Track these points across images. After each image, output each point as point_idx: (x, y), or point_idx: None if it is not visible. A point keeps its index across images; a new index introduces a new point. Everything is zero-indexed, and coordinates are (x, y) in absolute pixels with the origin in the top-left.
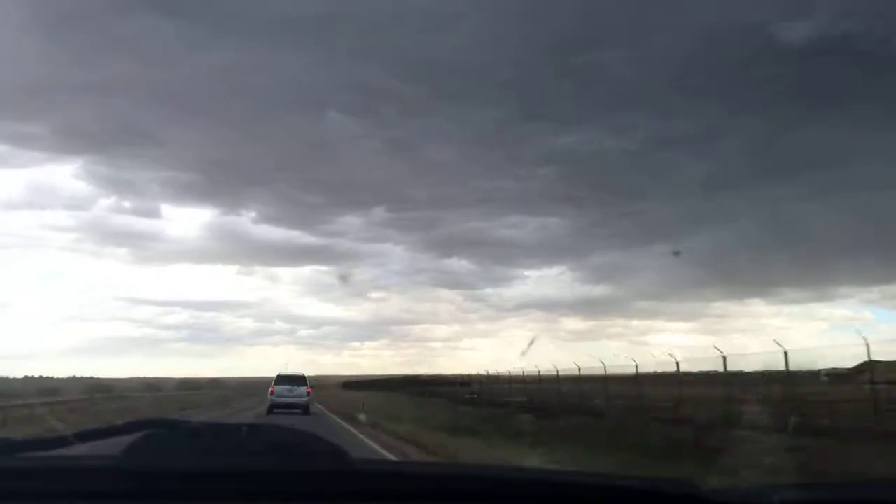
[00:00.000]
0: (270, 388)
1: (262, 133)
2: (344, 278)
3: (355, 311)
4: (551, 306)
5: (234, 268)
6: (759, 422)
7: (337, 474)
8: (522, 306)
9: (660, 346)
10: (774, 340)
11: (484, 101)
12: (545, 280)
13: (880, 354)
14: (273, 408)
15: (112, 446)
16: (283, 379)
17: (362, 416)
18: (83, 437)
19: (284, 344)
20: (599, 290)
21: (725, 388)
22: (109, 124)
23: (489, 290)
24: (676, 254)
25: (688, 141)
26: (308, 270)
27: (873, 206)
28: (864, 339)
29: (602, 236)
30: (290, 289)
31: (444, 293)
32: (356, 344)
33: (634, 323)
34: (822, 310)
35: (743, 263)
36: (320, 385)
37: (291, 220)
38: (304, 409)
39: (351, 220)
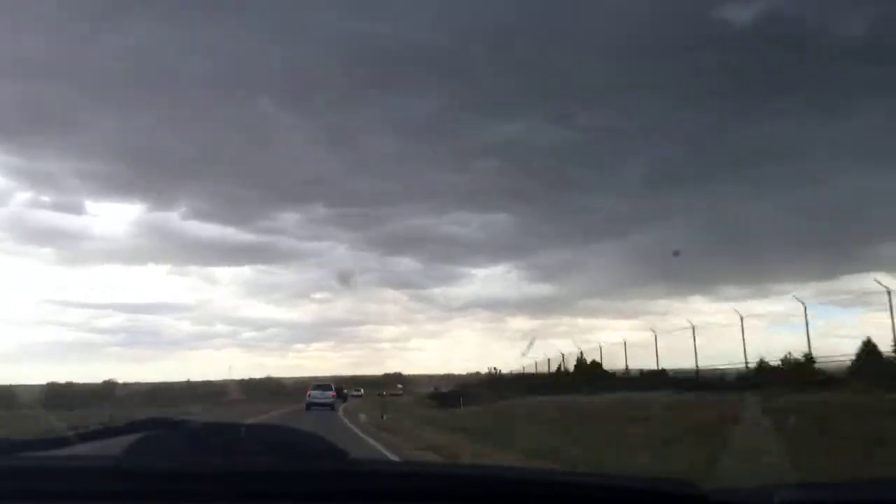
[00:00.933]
0: (308, 392)
1: (189, 120)
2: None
3: (299, 313)
4: (498, 305)
5: (167, 267)
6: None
7: (337, 474)
8: (469, 305)
9: (605, 344)
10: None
11: (423, 90)
12: (492, 279)
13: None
14: (310, 405)
15: (112, 446)
16: (316, 386)
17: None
18: (83, 437)
19: (227, 347)
20: (546, 289)
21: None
22: (20, 110)
23: (436, 290)
24: (676, 254)
25: (631, 134)
26: (248, 270)
27: (809, 202)
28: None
29: (548, 233)
30: (229, 290)
31: (390, 293)
32: (301, 346)
33: (580, 321)
34: (760, 306)
35: (685, 261)
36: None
37: (225, 216)
38: (332, 406)
39: (289, 217)
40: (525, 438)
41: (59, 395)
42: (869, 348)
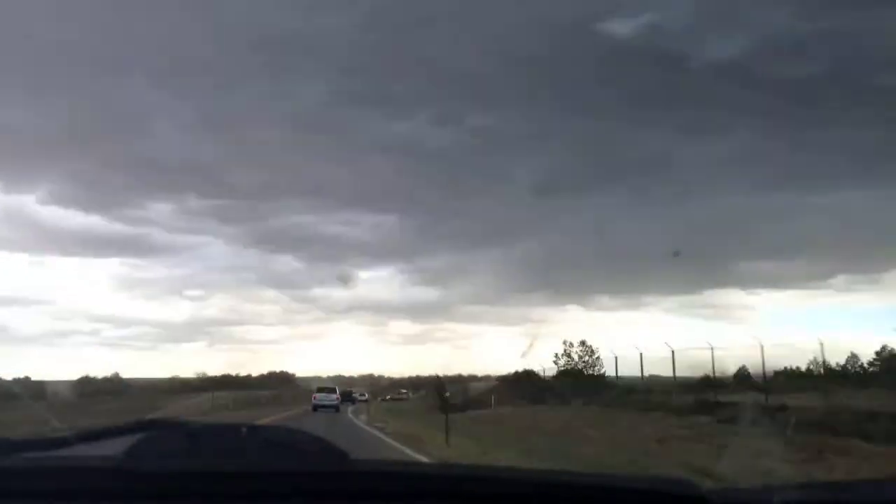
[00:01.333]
0: (314, 395)
1: (49, 94)
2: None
3: (170, 311)
4: (382, 309)
5: (23, 257)
6: None
7: (337, 474)
8: (353, 308)
9: (481, 350)
10: None
11: (311, 80)
12: (377, 281)
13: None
14: (316, 407)
15: (112, 446)
16: (321, 389)
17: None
18: (84, 437)
19: (89, 345)
20: (430, 293)
21: None
22: None
23: (318, 291)
24: (676, 254)
25: (520, 140)
26: (115, 263)
27: (679, 217)
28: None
29: (436, 237)
30: (93, 284)
31: (270, 293)
32: (170, 346)
33: (461, 327)
34: (631, 317)
35: (565, 270)
36: None
37: (90, 203)
38: (336, 408)
39: (162, 207)
40: None
41: None
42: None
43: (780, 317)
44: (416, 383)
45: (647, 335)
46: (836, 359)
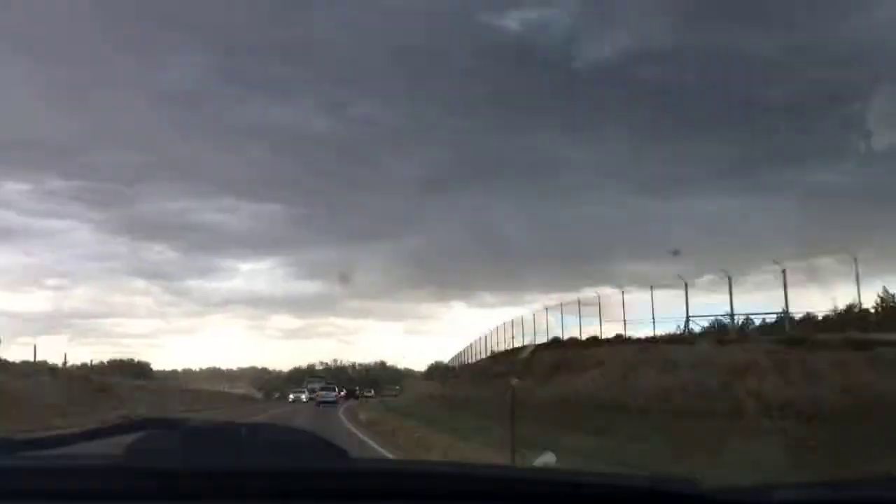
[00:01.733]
0: (317, 393)
1: None
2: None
3: (27, 301)
4: (261, 302)
5: None
6: None
7: (336, 474)
8: (230, 301)
9: (367, 345)
10: None
11: (187, 56)
12: (257, 273)
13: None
14: (319, 403)
15: (112, 446)
16: (323, 388)
17: None
18: (83, 436)
19: None
20: (313, 287)
21: None
22: None
23: (192, 283)
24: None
25: (408, 133)
26: None
27: (559, 217)
28: None
29: (320, 229)
30: None
31: (140, 284)
32: (27, 339)
33: (346, 322)
34: (513, 312)
35: (450, 266)
36: None
37: None
38: (334, 403)
39: (16, 187)
40: None
41: None
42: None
43: (645, 314)
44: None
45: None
46: None
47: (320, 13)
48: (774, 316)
